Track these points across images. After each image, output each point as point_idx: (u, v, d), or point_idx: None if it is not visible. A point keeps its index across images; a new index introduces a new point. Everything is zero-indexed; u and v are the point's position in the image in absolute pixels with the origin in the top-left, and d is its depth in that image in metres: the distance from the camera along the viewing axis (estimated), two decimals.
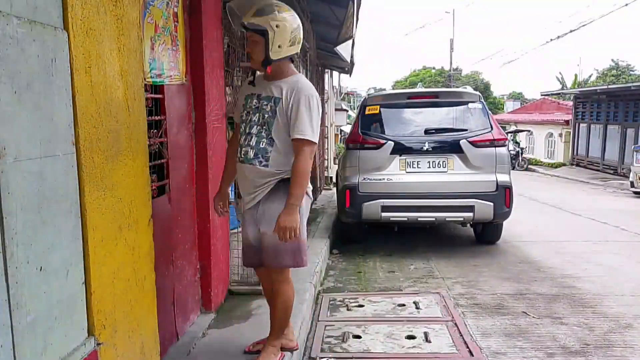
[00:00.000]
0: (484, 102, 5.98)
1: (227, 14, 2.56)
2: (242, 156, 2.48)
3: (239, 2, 2.47)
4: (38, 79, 1.44)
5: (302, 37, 2.42)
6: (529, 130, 23.86)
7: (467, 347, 3.21)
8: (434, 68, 48.15)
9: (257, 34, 2.33)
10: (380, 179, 5.52)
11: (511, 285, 4.62)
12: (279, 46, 2.31)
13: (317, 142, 2.38)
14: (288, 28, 2.31)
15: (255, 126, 2.45)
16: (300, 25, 2.40)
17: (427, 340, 3.31)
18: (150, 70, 2.40)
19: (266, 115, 2.41)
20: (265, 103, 2.43)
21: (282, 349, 2.78)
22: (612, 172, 16.68)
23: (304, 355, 3.15)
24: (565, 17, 78.26)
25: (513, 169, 15.51)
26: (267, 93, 2.44)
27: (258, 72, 2.55)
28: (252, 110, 2.48)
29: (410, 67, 77.06)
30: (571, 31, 27.11)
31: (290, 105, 2.36)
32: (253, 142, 2.44)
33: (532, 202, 10.10)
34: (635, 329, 3.61)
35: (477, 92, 6.13)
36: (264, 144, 2.42)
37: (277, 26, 2.28)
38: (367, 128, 5.77)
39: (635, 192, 12.02)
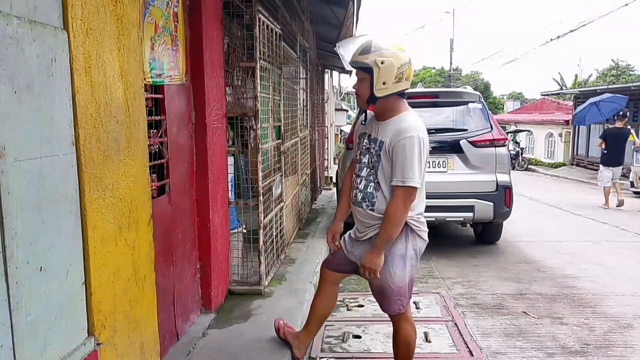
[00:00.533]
0: (484, 102, 5.97)
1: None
2: (353, 197, 2.52)
3: (343, 42, 2.45)
4: (38, 79, 1.44)
5: (411, 72, 2.35)
6: (529, 130, 23.87)
7: (467, 347, 3.21)
8: (434, 68, 48.19)
9: (363, 71, 2.31)
10: None
11: (511, 285, 4.62)
12: (384, 83, 2.28)
13: (417, 185, 2.29)
14: (394, 64, 2.26)
15: (364, 168, 2.45)
16: (410, 61, 2.33)
17: (427, 340, 3.31)
18: (150, 70, 2.40)
19: (373, 159, 2.40)
20: (373, 145, 2.40)
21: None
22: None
23: (304, 355, 3.15)
24: (565, 17, 78.32)
25: (513, 169, 15.52)
26: (375, 134, 2.41)
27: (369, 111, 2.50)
28: (363, 151, 2.47)
29: None
30: (571, 31, 27.11)
31: (391, 149, 2.31)
32: (362, 185, 2.45)
33: (532, 202, 10.09)
34: (635, 329, 3.61)
35: (477, 92, 6.12)
36: (371, 188, 2.42)
37: (382, 62, 2.24)
38: None
39: (635, 192, 12.01)
